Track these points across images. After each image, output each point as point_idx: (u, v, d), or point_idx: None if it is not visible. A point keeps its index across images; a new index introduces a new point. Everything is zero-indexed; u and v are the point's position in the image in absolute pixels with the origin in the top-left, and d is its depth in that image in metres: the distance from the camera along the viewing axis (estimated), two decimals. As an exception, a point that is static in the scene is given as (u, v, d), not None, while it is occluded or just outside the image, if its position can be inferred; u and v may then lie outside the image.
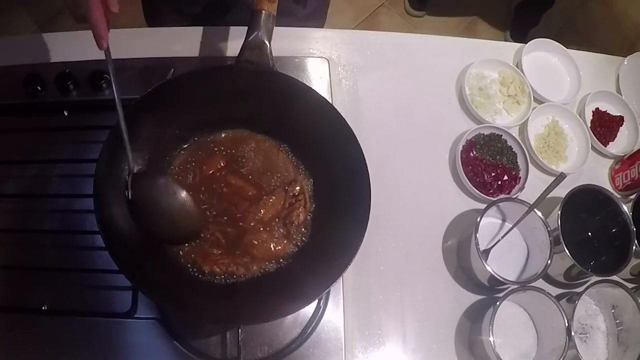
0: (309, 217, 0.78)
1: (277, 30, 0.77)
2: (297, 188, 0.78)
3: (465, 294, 0.83)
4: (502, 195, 0.89)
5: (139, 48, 0.92)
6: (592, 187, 0.84)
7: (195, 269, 0.72)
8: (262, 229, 0.76)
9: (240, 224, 0.75)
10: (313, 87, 0.79)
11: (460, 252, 0.86)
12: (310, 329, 0.76)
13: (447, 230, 0.88)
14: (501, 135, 0.94)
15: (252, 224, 0.75)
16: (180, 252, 0.73)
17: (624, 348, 0.78)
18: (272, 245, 0.75)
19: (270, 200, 0.77)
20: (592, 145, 0.98)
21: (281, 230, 0.76)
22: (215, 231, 0.74)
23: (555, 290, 0.85)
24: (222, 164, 0.78)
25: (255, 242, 0.74)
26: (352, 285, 0.81)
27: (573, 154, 0.98)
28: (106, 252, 0.61)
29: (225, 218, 0.75)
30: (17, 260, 0.79)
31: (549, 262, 0.77)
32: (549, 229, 0.79)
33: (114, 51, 0.58)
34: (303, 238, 0.76)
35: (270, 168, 0.80)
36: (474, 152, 0.92)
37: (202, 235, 0.73)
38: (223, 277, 0.72)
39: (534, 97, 0.99)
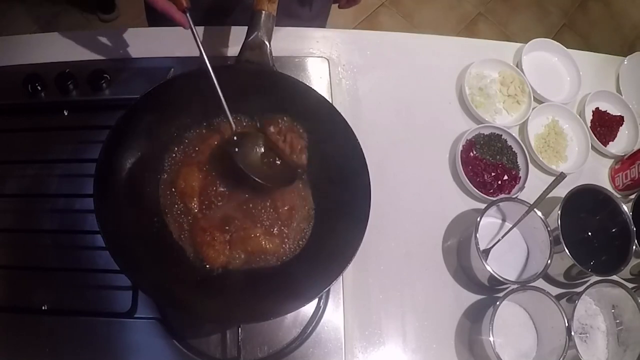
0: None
1: (277, 30, 0.77)
2: (273, 129, 0.77)
3: (465, 294, 0.83)
4: (502, 195, 0.89)
5: (139, 48, 0.92)
6: (592, 187, 0.84)
7: (195, 258, 0.72)
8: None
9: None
10: (313, 87, 0.79)
11: (460, 252, 0.86)
12: (310, 328, 0.76)
13: (447, 230, 0.88)
14: (501, 135, 0.94)
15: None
16: (183, 241, 0.73)
17: (624, 348, 0.78)
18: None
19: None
20: (592, 145, 0.98)
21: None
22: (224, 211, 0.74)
23: (555, 290, 0.85)
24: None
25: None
26: (352, 285, 0.81)
27: (573, 154, 0.99)
28: (106, 252, 0.61)
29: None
30: (17, 260, 0.79)
31: (549, 262, 0.77)
32: (549, 228, 0.79)
33: (114, 51, 0.59)
34: (303, 237, 0.76)
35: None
36: (474, 152, 0.92)
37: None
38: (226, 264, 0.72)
39: (534, 97, 0.99)
